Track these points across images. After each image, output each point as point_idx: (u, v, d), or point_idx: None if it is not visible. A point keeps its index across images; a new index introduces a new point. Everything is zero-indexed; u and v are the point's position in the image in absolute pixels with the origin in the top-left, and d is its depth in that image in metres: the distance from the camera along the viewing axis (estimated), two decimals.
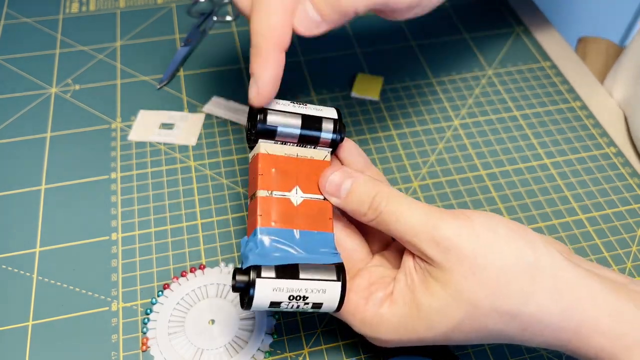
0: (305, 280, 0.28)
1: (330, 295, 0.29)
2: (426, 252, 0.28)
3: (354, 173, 0.31)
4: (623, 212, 0.43)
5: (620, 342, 0.27)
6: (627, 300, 0.28)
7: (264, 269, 0.28)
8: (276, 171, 0.30)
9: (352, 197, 0.30)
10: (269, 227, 0.29)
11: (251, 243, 0.29)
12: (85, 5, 0.58)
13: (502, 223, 0.29)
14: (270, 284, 0.27)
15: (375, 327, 0.30)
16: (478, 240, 0.28)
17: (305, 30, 0.30)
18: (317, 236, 0.30)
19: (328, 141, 0.32)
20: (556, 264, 0.28)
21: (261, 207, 0.29)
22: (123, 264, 0.39)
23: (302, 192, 0.31)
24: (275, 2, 0.29)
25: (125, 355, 0.35)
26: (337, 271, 0.29)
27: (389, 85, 0.51)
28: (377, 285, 0.31)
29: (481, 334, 0.29)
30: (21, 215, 0.42)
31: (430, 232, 0.28)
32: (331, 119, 0.32)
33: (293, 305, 0.28)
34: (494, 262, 0.27)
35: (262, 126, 0.30)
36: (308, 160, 0.32)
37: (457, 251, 0.28)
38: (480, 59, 0.54)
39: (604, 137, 0.48)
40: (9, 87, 0.50)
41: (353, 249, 0.32)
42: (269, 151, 0.31)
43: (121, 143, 0.46)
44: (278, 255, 0.28)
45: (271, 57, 0.29)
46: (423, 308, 0.28)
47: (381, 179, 0.35)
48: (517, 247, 0.28)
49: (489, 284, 0.27)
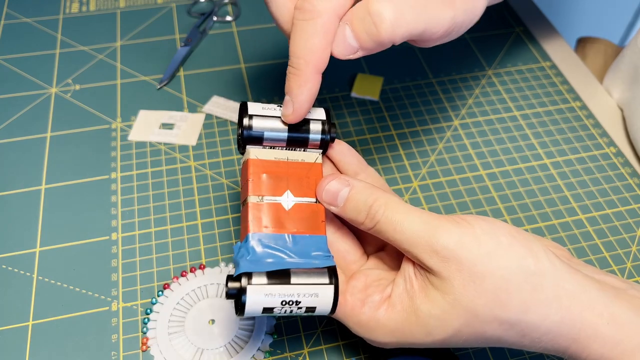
0: (297, 285, 0.28)
1: (323, 299, 0.29)
2: (425, 262, 0.28)
3: (351, 181, 0.31)
4: (623, 212, 0.43)
5: (619, 348, 0.27)
6: (627, 307, 0.28)
7: (255, 275, 0.28)
8: (267, 176, 0.31)
9: (349, 206, 0.30)
10: (260, 232, 0.29)
11: (243, 249, 0.29)
12: (85, 5, 0.58)
13: (504, 229, 0.28)
14: (261, 290, 0.28)
15: (371, 330, 0.30)
16: (479, 248, 0.27)
17: (341, 55, 0.30)
18: (310, 240, 0.30)
19: (317, 143, 0.32)
20: (557, 272, 0.28)
21: (252, 213, 0.29)
22: (123, 264, 0.39)
23: (294, 196, 0.31)
24: (317, 24, 0.29)
25: (125, 355, 0.35)
26: (330, 274, 0.29)
27: (389, 85, 0.51)
28: (374, 287, 0.31)
29: (479, 340, 0.29)
30: (21, 215, 0.42)
31: (428, 242, 0.28)
32: (319, 120, 0.32)
33: (286, 310, 0.28)
34: (494, 271, 0.27)
35: (248, 132, 0.31)
36: (299, 164, 0.31)
37: (456, 260, 0.27)
38: (480, 59, 0.54)
39: (603, 137, 0.48)
40: (9, 87, 0.50)
41: (346, 250, 0.32)
42: (258, 156, 0.31)
43: (121, 143, 0.46)
44: (270, 261, 0.28)
45: (310, 79, 0.29)
46: (421, 315, 0.28)
47: (378, 180, 0.35)
48: (519, 255, 0.28)
49: (489, 292, 0.27)
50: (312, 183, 0.31)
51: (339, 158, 0.34)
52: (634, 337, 0.27)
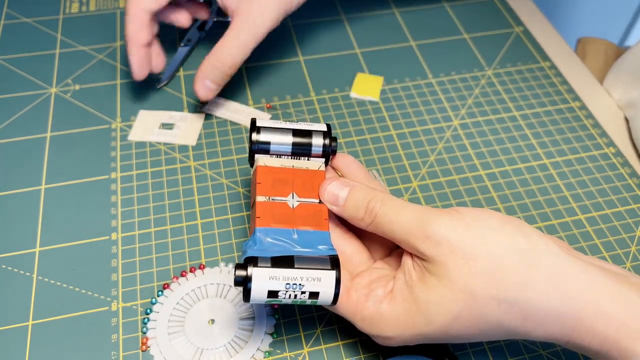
0: (301, 269, 0.30)
1: (326, 284, 0.30)
2: (419, 249, 0.29)
3: (350, 182, 0.33)
4: (622, 212, 0.43)
5: (625, 328, 0.27)
6: (630, 289, 0.28)
7: (261, 260, 0.30)
8: (273, 180, 0.33)
9: (349, 204, 0.32)
10: (267, 227, 0.31)
11: (250, 241, 0.31)
12: (85, 5, 0.58)
13: (494, 215, 0.30)
14: (266, 272, 0.29)
15: (375, 324, 0.30)
16: (469, 231, 0.28)
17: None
18: (314, 235, 0.32)
19: (319, 152, 0.35)
20: (552, 251, 0.28)
21: (259, 210, 0.32)
22: (123, 264, 0.39)
23: (298, 197, 0.33)
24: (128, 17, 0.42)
25: (125, 355, 0.35)
26: (332, 262, 0.30)
27: (388, 85, 0.52)
28: (377, 283, 0.31)
29: (481, 327, 0.29)
30: (21, 215, 0.42)
31: (421, 228, 0.29)
32: (320, 131, 0.35)
33: (290, 294, 0.30)
34: (486, 251, 0.28)
35: (257, 142, 0.34)
36: (303, 170, 0.34)
37: (448, 243, 0.28)
38: (479, 59, 0.54)
39: (603, 138, 0.48)
40: (9, 87, 0.50)
41: (352, 253, 0.34)
42: (266, 164, 0.34)
43: (121, 143, 0.46)
44: (276, 250, 0.30)
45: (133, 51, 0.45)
46: (421, 302, 0.29)
47: (383, 191, 0.35)
48: (510, 235, 0.29)
49: (483, 272, 0.28)
50: (316, 186, 0.34)
51: (345, 170, 0.36)
52: (639, 318, 0.27)
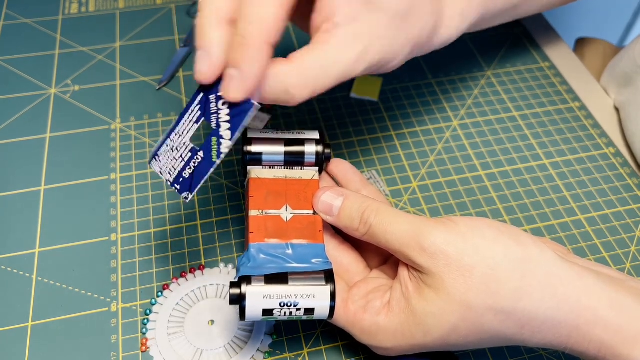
0: (295, 286, 0.29)
1: (321, 300, 0.30)
2: (415, 260, 0.29)
3: (344, 191, 0.32)
4: (622, 212, 0.43)
5: (621, 335, 0.27)
6: (626, 294, 0.28)
7: (254, 279, 0.29)
8: (266, 192, 0.33)
9: (343, 214, 0.32)
10: (260, 242, 0.31)
11: (244, 258, 0.31)
12: (84, 5, 0.58)
13: (489, 224, 0.29)
14: (260, 291, 0.29)
15: (374, 336, 0.30)
16: (464, 242, 0.28)
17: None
18: (309, 248, 0.31)
19: (312, 161, 0.34)
20: (547, 258, 0.28)
21: (252, 225, 0.32)
22: (123, 265, 0.39)
23: (292, 209, 0.32)
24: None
25: (124, 355, 0.35)
26: (326, 276, 0.30)
27: (388, 85, 0.52)
28: (375, 293, 0.31)
29: (479, 336, 0.29)
30: (21, 216, 0.42)
31: (416, 240, 0.29)
32: (313, 139, 0.34)
33: (285, 312, 0.29)
34: (481, 262, 0.28)
35: (249, 153, 0.34)
36: (296, 180, 0.34)
37: (443, 255, 0.28)
38: (479, 60, 0.54)
39: (602, 138, 0.48)
40: (9, 88, 0.50)
41: (349, 263, 0.34)
42: (259, 175, 0.34)
43: (120, 144, 0.46)
44: (270, 266, 0.30)
45: (260, 52, 0.27)
46: (418, 314, 0.29)
47: (379, 197, 0.36)
48: (504, 244, 0.28)
49: (479, 284, 0.28)
50: (309, 197, 0.33)
51: (341, 176, 0.36)
52: (636, 324, 0.27)
